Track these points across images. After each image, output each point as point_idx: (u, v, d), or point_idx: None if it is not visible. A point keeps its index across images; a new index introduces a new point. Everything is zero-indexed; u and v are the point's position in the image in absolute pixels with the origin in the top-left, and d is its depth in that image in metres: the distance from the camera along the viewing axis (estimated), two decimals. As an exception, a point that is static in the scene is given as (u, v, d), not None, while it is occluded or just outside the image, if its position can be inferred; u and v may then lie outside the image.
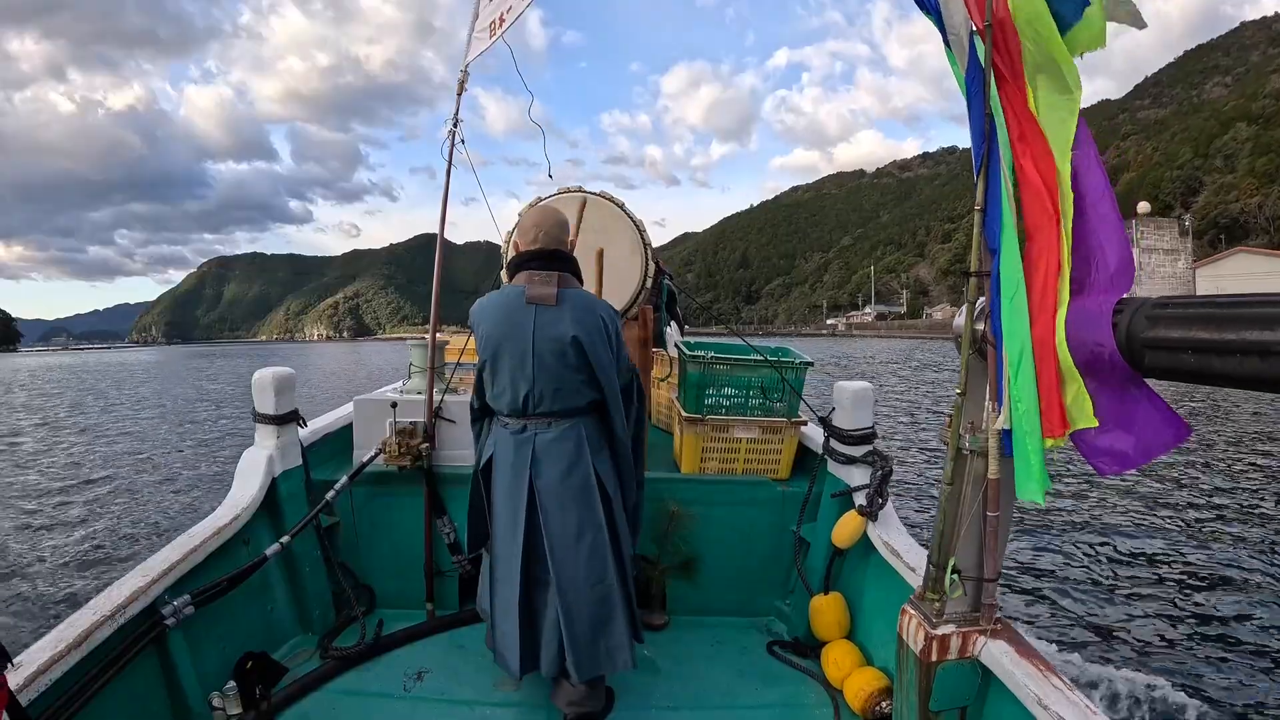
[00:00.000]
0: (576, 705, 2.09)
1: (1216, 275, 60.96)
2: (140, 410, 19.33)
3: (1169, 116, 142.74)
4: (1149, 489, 8.12)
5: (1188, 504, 7.56)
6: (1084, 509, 7.35)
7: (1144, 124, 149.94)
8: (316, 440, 2.95)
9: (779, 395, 2.88)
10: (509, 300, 2.05)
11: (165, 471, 10.11)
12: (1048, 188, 1.40)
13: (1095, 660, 3.95)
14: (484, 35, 2.89)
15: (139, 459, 11.17)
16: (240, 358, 57.96)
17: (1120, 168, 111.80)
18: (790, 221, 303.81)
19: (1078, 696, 1.41)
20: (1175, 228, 70.35)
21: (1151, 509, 7.38)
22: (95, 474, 10.00)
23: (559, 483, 2.04)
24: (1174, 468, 9.06)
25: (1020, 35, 1.42)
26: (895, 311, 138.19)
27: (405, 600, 2.74)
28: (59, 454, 12.00)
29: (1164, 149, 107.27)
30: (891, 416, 14.37)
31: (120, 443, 13.07)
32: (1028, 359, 1.37)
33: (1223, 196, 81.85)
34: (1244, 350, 1.03)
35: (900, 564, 2.22)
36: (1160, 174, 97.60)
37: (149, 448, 12.26)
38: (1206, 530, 6.68)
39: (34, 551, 6.47)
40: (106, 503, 8.34)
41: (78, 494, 8.84)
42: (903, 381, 23.65)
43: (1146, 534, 6.55)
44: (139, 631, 1.85)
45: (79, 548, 6.55)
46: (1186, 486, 8.27)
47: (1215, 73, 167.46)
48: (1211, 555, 5.98)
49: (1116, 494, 7.89)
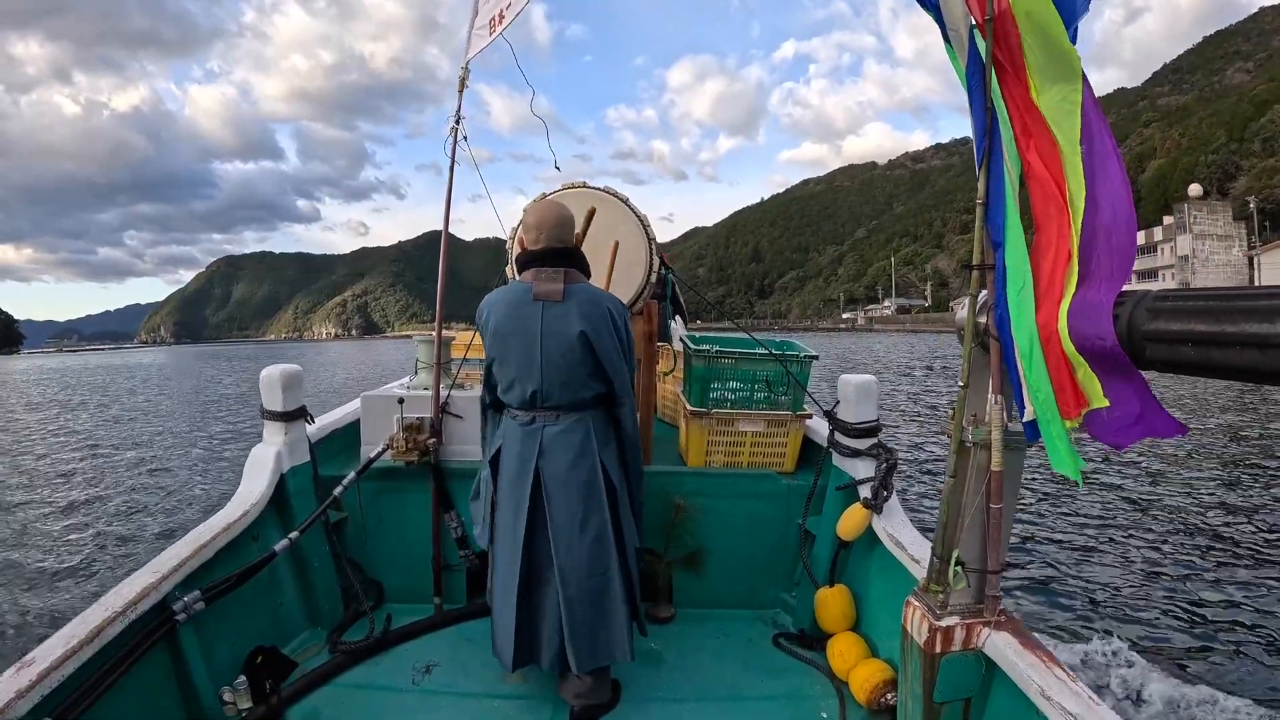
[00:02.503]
0: (583, 698, 2.11)
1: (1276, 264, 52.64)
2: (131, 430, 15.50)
3: (1191, 103, 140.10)
4: (1152, 482, 8.05)
5: (1191, 497, 7.48)
6: (1087, 501, 7.30)
7: (1165, 111, 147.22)
8: (324, 436, 2.98)
9: (784, 389, 2.88)
10: (516, 296, 2.06)
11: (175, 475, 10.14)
12: (1055, 179, 1.40)
13: (1098, 652, 3.93)
14: (484, 32, 2.89)
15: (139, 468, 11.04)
16: (247, 359, 57.51)
17: (1146, 154, 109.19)
18: (802, 214, 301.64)
19: (1081, 687, 1.41)
20: (1229, 211, 62.83)
21: (1155, 501, 7.32)
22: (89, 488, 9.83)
23: (565, 473, 2.06)
24: (1177, 462, 8.98)
25: (1020, 27, 1.41)
26: (918, 305, 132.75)
27: (413, 595, 2.77)
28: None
29: (1191, 134, 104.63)
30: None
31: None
32: (1038, 349, 1.38)
33: (1265, 181, 79.04)
34: (1243, 343, 1.03)
35: (905, 556, 2.22)
36: (1194, 159, 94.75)
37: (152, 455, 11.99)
38: (1210, 523, 6.62)
39: (37, 551, 6.55)
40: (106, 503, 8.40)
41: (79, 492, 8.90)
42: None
43: (1150, 527, 6.49)
44: (150, 627, 1.88)
45: (84, 547, 6.63)
46: (1190, 480, 8.19)
47: (1236, 58, 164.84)
48: (1215, 548, 5.93)
49: (1120, 486, 7.83)
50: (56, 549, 6.58)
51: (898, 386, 19.40)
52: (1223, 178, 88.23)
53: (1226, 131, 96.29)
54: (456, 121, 2.88)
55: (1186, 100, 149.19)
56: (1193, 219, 61.17)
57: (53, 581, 5.71)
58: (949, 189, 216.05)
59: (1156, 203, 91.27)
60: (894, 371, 25.35)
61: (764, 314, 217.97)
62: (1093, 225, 1.35)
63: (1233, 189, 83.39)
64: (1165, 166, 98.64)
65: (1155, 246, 66.52)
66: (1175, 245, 62.95)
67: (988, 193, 1.52)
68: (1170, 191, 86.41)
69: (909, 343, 54.88)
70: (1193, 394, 16.06)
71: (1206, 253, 60.66)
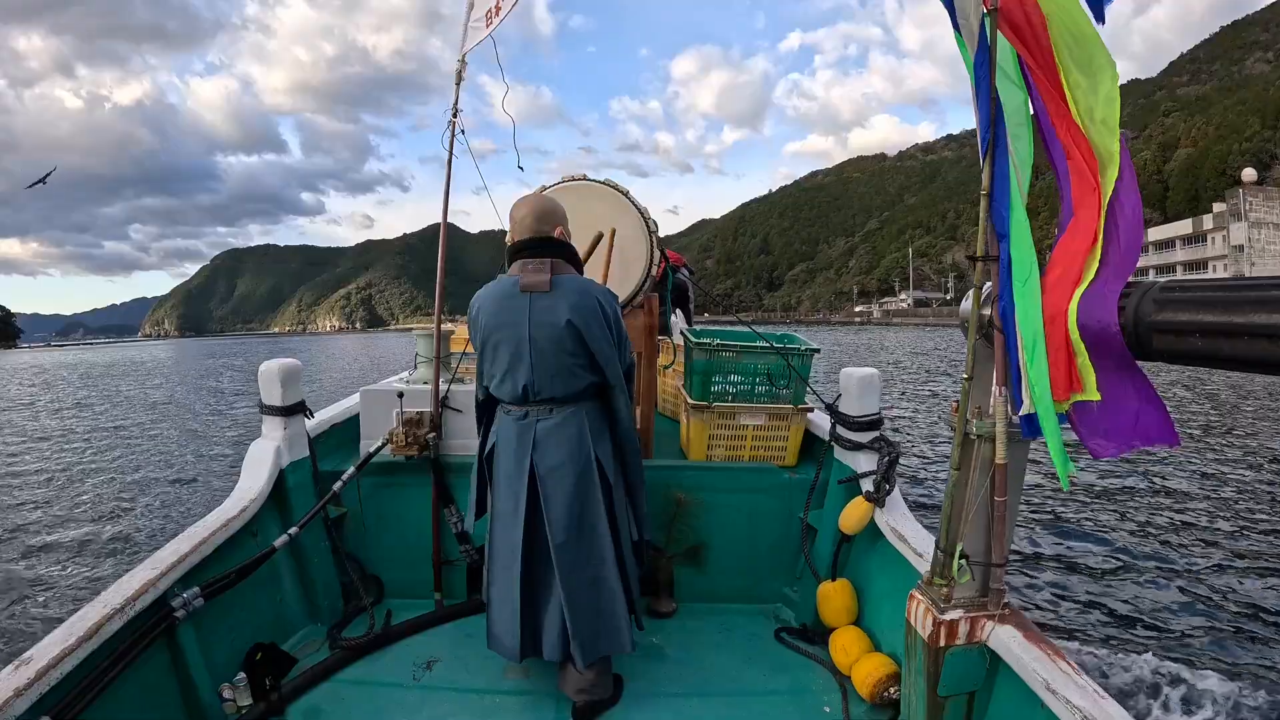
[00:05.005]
0: (585, 692, 2.10)
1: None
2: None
3: (1211, 92, 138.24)
4: (1155, 476, 7.98)
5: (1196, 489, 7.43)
6: (1090, 495, 7.26)
7: (1184, 101, 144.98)
8: (323, 431, 2.98)
9: (785, 382, 2.86)
10: (504, 290, 2.06)
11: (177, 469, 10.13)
12: (1088, 164, 1.39)
13: (1103, 645, 3.91)
14: (480, 25, 2.88)
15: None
16: (244, 355, 56.69)
17: (1169, 144, 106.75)
18: (812, 205, 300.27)
19: (1085, 680, 1.41)
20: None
21: (1160, 494, 7.28)
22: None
23: (560, 467, 2.04)
24: (1180, 457, 8.89)
25: (1045, 13, 1.40)
26: (937, 298, 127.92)
27: (413, 590, 2.77)
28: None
29: (1216, 122, 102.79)
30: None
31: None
32: (1040, 343, 1.37)
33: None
34: (1251, 333, 1.03)
35: (908, 550, 2.20)
36: (1226, 147, 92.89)
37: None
38: (1215, 514, 6.58)
39: (38, 551, 6.54)
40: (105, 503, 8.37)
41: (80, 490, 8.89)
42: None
43: (1154, 520, 6.44)
44: (149, 624, 1.87)
45: (83, 546, 6.62)
46: (1194, 473, 8.13)
47: (1255, 48, 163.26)
48: (1219, 539, 5.89)
49: (1123, 479, 7.77)
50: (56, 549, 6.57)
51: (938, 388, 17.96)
52: (1258, 166, 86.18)
53: (1260, 119, 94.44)
54: (454, 115, 2.88)
55: (1206, 90, 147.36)
56: (1248, 205, 56.88)
57: (51, 579, 5.72)
58: (961, 179, 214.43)
59: (1187, 192, 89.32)
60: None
61: (773, 307, 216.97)
62: (1114, 218, 1.35)
63: (1270, 177, 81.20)
64: (1195, 156, 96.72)
65: (1204, 235, 61.84)
66: (1228, 234, 58.55)
67: (992, 184, 1.51)
68: (1203, 180, 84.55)
69: (937, 339, 46.55)
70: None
71: (1264, 241, 56.61)
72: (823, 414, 2.84)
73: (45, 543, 6.70)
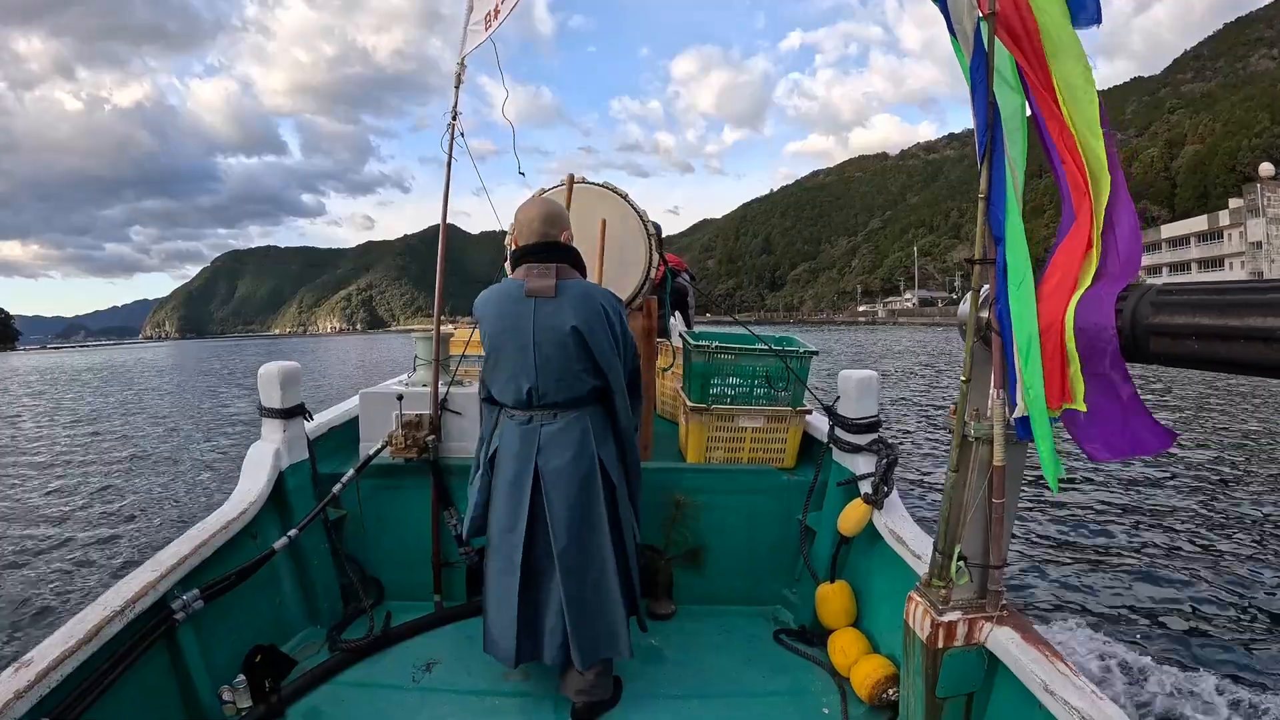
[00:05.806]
0: (585, 694, 2.10)
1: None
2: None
3: (1216, 89, 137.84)
4: (1155, 475, 7.98)
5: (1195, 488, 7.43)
6: (1090, 494, 7.26)
7: (1189, 98, 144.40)
8: (323, 434, 2.98)
9: (784, 384, 2.86)
10: (509, 294, 2.05)
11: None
12: (1079, 168, 1.39)
13: (1101, 646, 3.90)
14: (479, 28, 2.88)
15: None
16: (249, 356, 55.91)
17: (1175, 140, 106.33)
18: (814, 205, 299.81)
19: (1083, 682, 1.41)
20: (1311, 191, 55.96)
21: (1158, 494, 7.27)
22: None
23: (563, 470, 2.05)
24: (1181, 456, 8.88)
25: (1036, 16, 1.40)
26: (943, 297, 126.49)
27: (413, 592, 2.77)
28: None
29: (1224, 119, 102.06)
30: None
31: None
32: (1035, 347, 1.37)
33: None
34: (1247, 336, 1.02)
35: (906, 551, 2.20)
36: (1236, 143, 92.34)
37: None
38: (1213, 514, 6.58)
39: (38, 551, 6.56)
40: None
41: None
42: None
43: (1152, 520, 6.44)
44: (149, 626, 1.88)
45: (82, 546, 6.64)
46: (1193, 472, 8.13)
47: (1260, 45, 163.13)
48: (1217, 539, 5.89)
49: (1122, 479, 7.76)
50: (55, 550, 6.58)
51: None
52: (1275, 161, 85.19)
53: (1270, 114, 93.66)
54: (454, 117, 2.87)
55: (1210, 87, 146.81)
56: (1266, 201, 54.99)
57: (51, 580, 5.73)
58: (964, 179, 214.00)
59: (1195, 189, 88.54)
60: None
61: (775, 306, 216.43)
62: (1111, 225, 1.35)
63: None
64: (1203, 152, 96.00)
65: (1220, 232, 60.15)
66: (1245, 230, 56.84)
67: (989, 187, 1.50)
68: (1212, 176, 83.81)
69: (948, 340, 43.52)
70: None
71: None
72: (821, 416, 2.84)
73: (45, 544, 6.72)
